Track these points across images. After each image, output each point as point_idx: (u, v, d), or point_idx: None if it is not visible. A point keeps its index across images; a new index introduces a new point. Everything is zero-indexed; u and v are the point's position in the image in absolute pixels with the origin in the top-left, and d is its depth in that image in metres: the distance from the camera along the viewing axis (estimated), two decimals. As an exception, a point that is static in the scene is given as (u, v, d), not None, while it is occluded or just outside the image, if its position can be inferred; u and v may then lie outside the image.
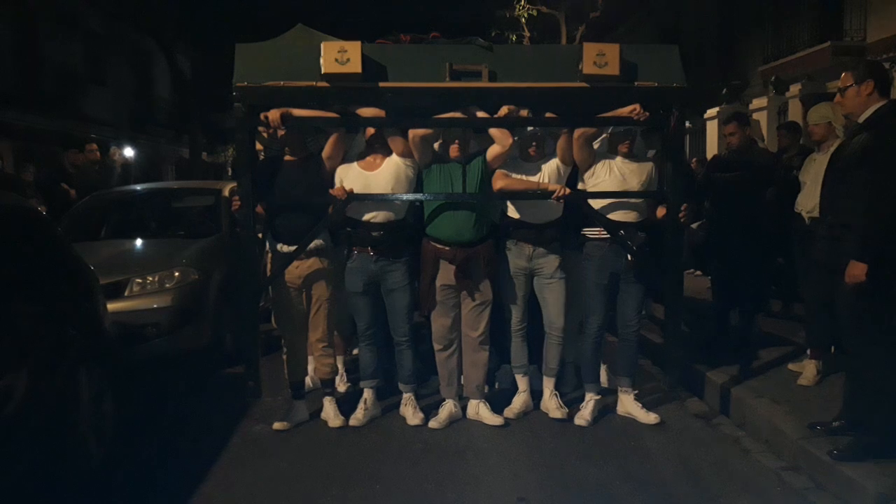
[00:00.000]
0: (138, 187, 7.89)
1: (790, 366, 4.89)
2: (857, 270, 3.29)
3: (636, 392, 4.52)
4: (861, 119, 3.48)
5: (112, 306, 4.51)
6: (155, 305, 5.09)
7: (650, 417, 4.36)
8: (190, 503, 3.43)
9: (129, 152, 15.49)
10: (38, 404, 3.16)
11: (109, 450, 3.82)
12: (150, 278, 5.22)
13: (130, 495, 3.57)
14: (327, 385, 4.54)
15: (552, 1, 15.22)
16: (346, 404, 4.61)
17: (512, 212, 4.43)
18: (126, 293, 5.09)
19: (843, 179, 3.49)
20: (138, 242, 6.15)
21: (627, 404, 4.47)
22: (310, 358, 4.75)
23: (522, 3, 14.97)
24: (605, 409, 4.54)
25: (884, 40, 12.93)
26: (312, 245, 4.32)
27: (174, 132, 16.33)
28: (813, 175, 4.69)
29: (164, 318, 5.08)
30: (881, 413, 3.39)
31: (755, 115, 13.95)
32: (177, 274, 5.32)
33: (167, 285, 5.23)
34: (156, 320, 5.06)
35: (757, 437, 4.14)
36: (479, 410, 4.47)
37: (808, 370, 4.64)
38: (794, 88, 14.58)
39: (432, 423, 4.39)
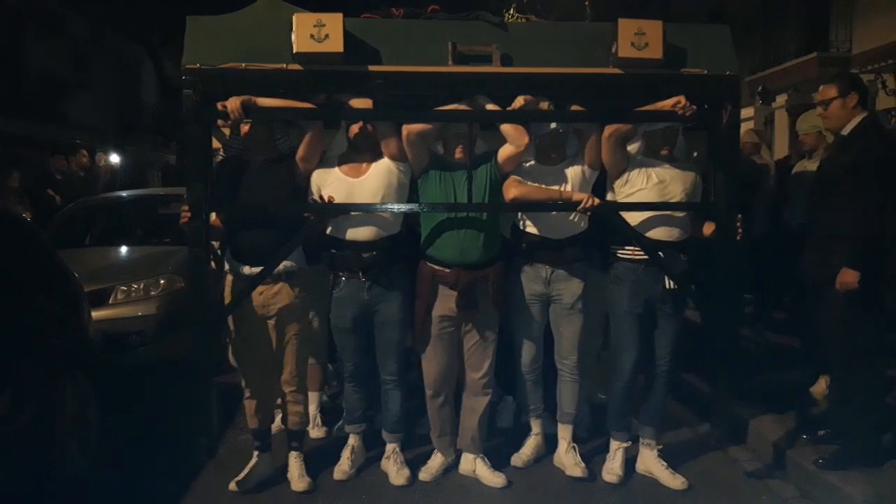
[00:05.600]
0: (124, 193, 7.29)
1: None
2: (849, 277, 3.10)
3: (661, 447, 3.45)
4: (846, 132, 3.26)
5: (96, 314, 4.14)
6: (140, 313, 4.65)
7: (676, 482, 3.30)
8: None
9: (115, 158, 14.29)
10: (21, 412, 2.98)
11: (93, 459, 3.48)
12: (136, 286, 4.74)
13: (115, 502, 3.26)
14: (295, 438, 3.45)
15: (542, 11, 14.26)
16: (321, 453, 3.61)
17: (527, 226, 3.38)
18: (111, 301, 4.64)
19: (832, 193, 3.25)
20: (123, 249, 5.64)
21: (649, 461, 3.41)
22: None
23: (511, 12, 13.97)
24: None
25: (869, 51, 12.19)
26: (281, 267, 3.25)
27: (161, 138, 15.15)
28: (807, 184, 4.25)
29: (148, 327, 4.63)
30: (864, 421, 3.22)
31: (743, 126, 13.08)
32: (162, 282, 4.80)
33: (152, 293, 4.74)
34: (140, 328, 4.61)
35: (743, 444, 3.77)
36: (477, 467, 3.42)
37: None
38: (781, 99, 13.82)
39: (422, 475, 3.36)
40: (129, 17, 14.41)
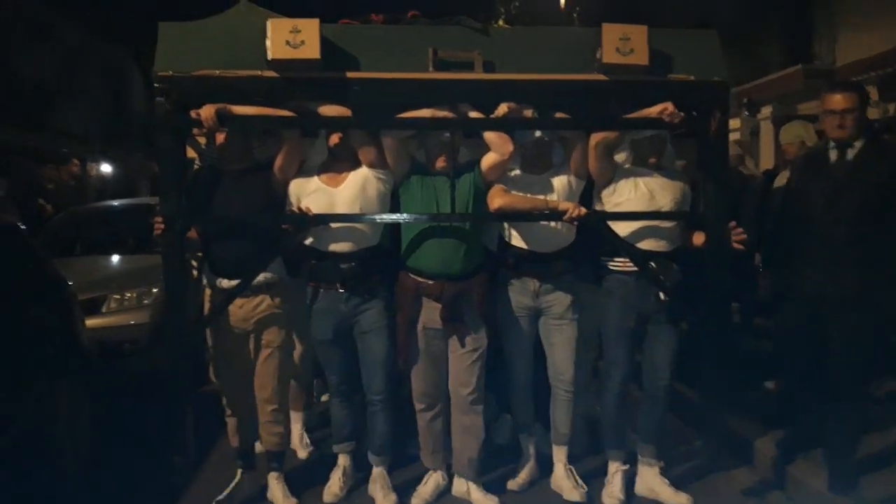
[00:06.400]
0: (115, 203, 7.29)
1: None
2: None
3: (662, 465, 3.29)
4: (858, 144, 3.02)
5: (90, 322, 4.10)
6: (132, 322, 4.61)
7: (681, 499, 3.15)
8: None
9: (105, 168, 14.08)
10: (15, 417, 2.96)
11: (85, 464, 3.44)
12: (128, 295, 4.71)
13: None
14: (274, 459, 3.27)
15: (530, 23, 14.22)
16: (307, 473, 3.47)
17: (513, 238, 3.24)
18: (104, 309, 4.61)
19: (864, 210, 2.96)
20: (116, 258, 5.63)
21: (650, 479, 3.25)
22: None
23: (501, 22, 13.92)
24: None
25: (852, 64, 12.18)
26: (262, 279, 3.10)
27: (149, 146, 14.93)
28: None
29: (141, 335, 4.56)
30: (856, 436, 3.17)
31: (731, 137, 13.03)
32: (154, 291, 4.71)
33: (145, 302, 4.69)
34: (133, 337, 4.55)
35: (739, 459, 3.61)
36: (470, 490, 3.25)
37: None
38: (766, 110, 13.76)
39: (415, 500, 3.18)
40: (119, 26, 14.23)
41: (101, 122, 14.96)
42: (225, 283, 3.11)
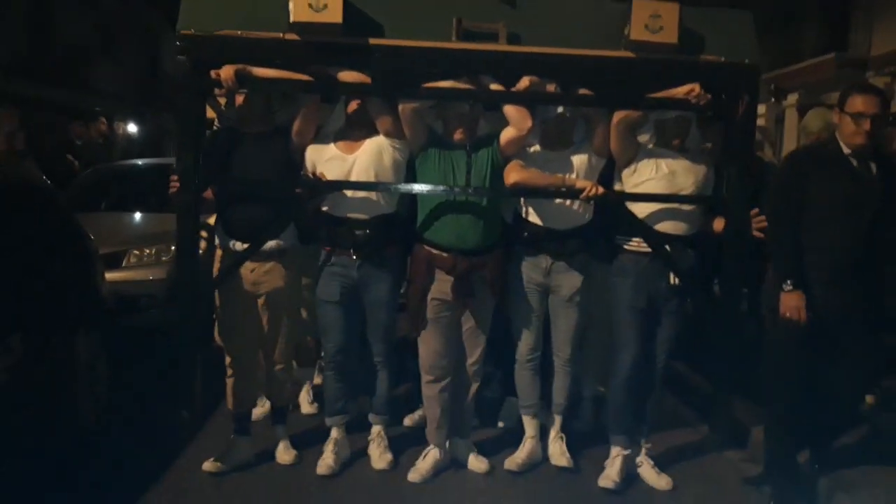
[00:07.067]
0: (140, 162, 7.36)
1: None
2: None
3: (649, 446, 3.23)
4: (869, 150, 2.74)
5: (110, 276, 4.16)
6: (150, 277, 4.73)
7: (661, 482, 3.10)
8: (175, 464, 3.19)
9: (132, 127, 14.13)
10: (36, 364, 3.05)
11: (102, 411, 3.52)
12: (148, 251, 4.82)
13: (120, 454, 3.25)
14: (280, 413, 3.29)
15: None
16: (309, 433, 3.46)
17: (528, 214, 3.16)
18: (124, 264, 4.73)
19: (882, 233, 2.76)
20: (138, 216, 5.69)
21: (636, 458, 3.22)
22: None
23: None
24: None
25: (887, 54, 11.78)
26: (274, 245, 3.06)
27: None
28: None
29: (158, 290, 4.67)
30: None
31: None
32: (173, 248, 4.56)
33: (163, 258, 4.78)
34: (151, 292, 4.67)
35: (742, 448, 3.46)
36: (462, 452, 3.25)
37: None
38: (792, 98, 13.38)
39: (412, 475, 3.13)
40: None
41: (134, 82, 15.01)
42: (238, 245, 3.08)
